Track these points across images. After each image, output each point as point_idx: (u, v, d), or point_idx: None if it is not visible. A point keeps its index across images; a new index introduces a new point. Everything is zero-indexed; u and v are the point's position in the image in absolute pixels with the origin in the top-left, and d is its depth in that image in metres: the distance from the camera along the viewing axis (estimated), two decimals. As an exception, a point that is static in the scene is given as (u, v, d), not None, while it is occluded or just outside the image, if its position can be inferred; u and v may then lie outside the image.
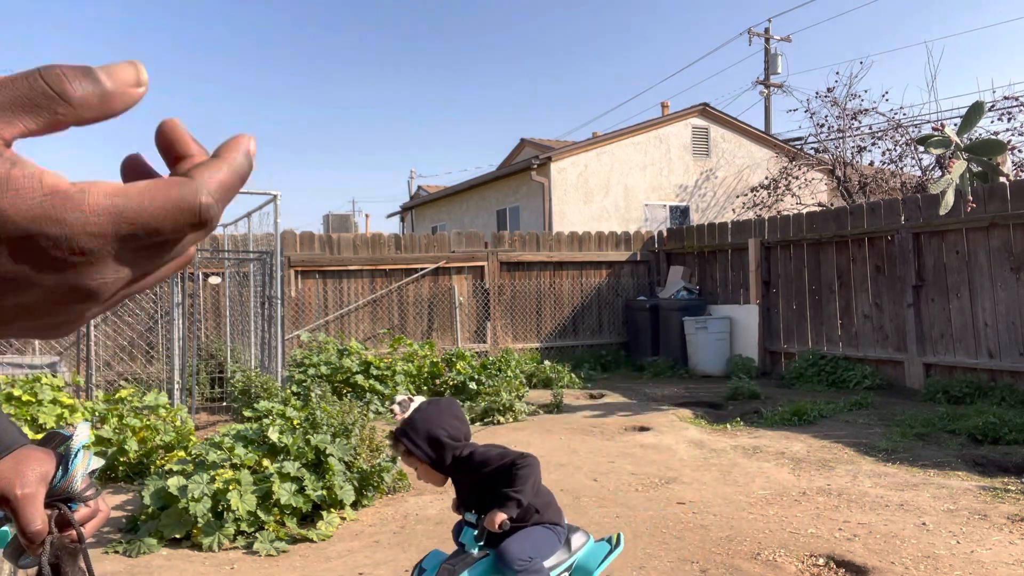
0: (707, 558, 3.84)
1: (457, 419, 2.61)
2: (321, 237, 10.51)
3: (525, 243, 11.71)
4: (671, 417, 7.63)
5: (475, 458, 2.55)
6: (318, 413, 5.33)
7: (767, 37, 22.87)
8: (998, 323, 7.71)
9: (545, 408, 8.23)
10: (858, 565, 3.69)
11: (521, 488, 2.46)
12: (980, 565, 3.63)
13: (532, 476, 2.50)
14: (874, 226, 9.07)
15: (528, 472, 2.50)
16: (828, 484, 5.09)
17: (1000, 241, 7.71)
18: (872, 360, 9.12)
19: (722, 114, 16.97)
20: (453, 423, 2.57)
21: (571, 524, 2.87)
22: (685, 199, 16.41)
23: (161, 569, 3.91)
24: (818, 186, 16.34)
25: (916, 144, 12.88)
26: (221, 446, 4.73)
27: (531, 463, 2.53)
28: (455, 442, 2.54)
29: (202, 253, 9.23)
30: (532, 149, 19.27)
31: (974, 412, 6.76)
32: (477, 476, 2.54)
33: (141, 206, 0.37)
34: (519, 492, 2.45)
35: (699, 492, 5.02)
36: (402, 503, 4.95)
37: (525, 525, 2.59)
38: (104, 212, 0.36)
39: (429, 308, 10.99)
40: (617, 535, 2.89)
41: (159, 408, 5.90)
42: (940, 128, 6.55)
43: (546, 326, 11.78)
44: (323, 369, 8.31)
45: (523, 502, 2.46)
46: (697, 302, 11.36)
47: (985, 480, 5.08)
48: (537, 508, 2.62)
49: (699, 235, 11.91)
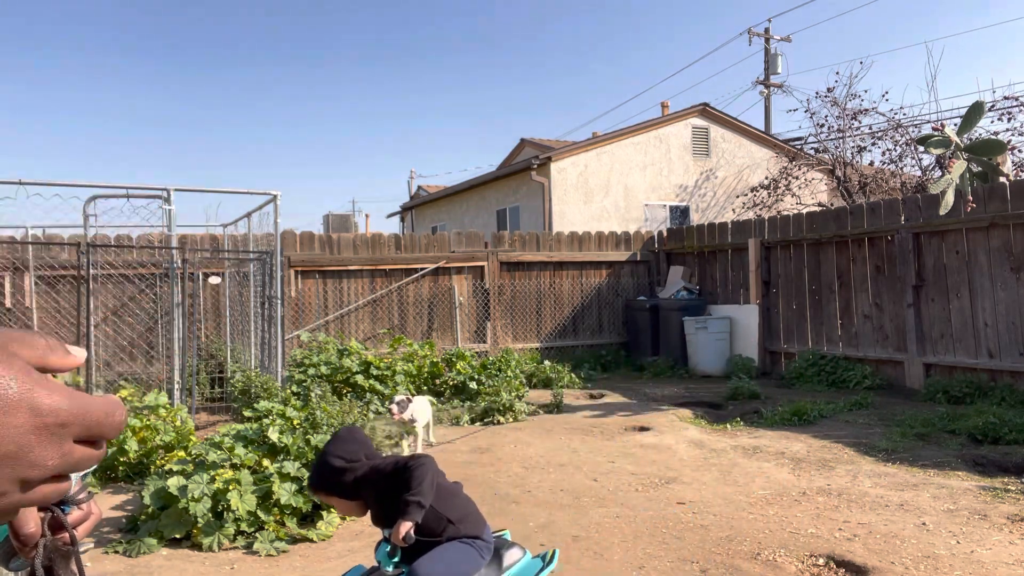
0: (707, 558, 3.84)
1: (355, 442, 2.49)
2: (321, 237, 10.51)
3: (525, 243, 11.71)
4: (671, 417, 7.63)
5: (372, 473, 2.43)
6: (318, 413, 5.33)
7: (767, 37, 22.87)
8: (998, 323, 7.71)
9: (545, 408, 8.23)
10: (858, 565, 3.69)
11: (417, 489, 2.32)
12: (980, 565, 3.63)
13: (427, 476, 2.36)
14: (874, 226, 9.07)
15: (422, 472, 2.37)
16: (828, 484, 5.09)
17: (1000, 241, 7.71)
18: (872, 360, 9.12)
19: (722, 114, 16.97)
20: (348, 447, 2.46)
21: (506, 538, 2.72)
22: (685, 199, 16.41)
23: (161, 569, 3.91)
24: (818, 186, 16.34)
25: (916, 144, 12.88)
26: (221, 446, 4.73)
27: (424, 463, 2.41)
28: (351, 463, 2.42)
29: (202, 253, 9.23)
30: (532, 149, 19.28)
31: (974, 412, 6.76)
32: (378, 490, 2.42)
33: None
34: (416, 494, 2.32)
35: (699, 492, 5.01)
36: (402, 503, 4.95)
37: (440, 540, 2.44)
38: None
39: (429, 308, 10.99)
40: (553, 551, 2.75)
41: (159, 408, 5.90)
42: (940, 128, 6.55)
43: (546, 326, 11.78)
44: (323, 369, 8.31)
45: (423, 503, 2.32)
46: (697, 302, 11.37)
47: (985, 480, 5.08)
48: (451, 519, 2.46)
49: (699, 235, 11.91)
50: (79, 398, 0.51)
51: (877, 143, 14.08)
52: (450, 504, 2.49)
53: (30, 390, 0.48)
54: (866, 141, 14.21)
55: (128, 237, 9.30)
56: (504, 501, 4.94)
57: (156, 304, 9.16)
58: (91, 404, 0.52)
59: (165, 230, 7.36)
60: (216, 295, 9.82)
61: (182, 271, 7.57)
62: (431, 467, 2.41)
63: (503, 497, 5.03)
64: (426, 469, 2.38)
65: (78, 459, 0.51)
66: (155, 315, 9.16)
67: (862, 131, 14.35)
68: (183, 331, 7.48)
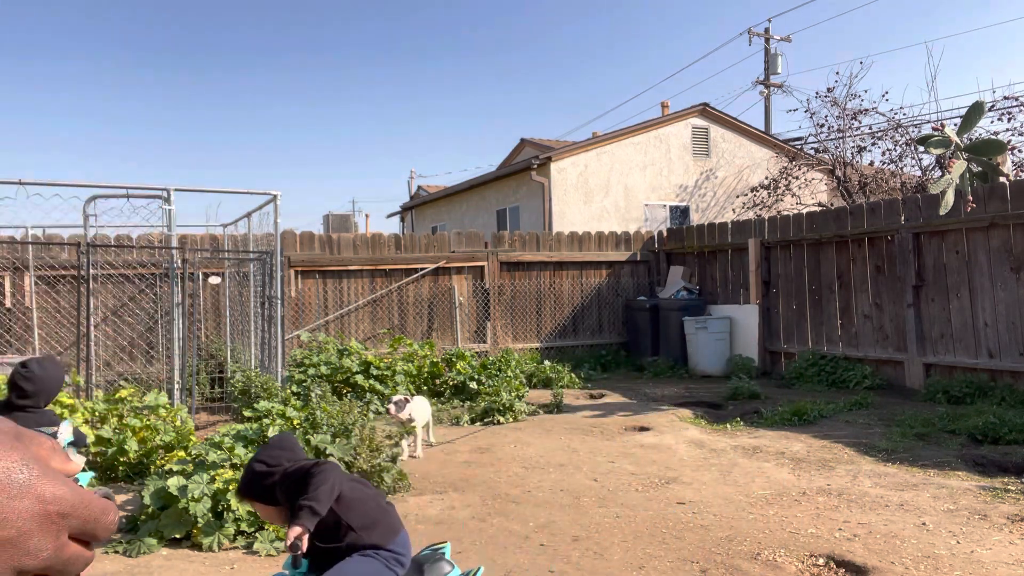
0: (707, 558, 3.84)
1: (280, 448, 2.46)
2: (321, 237, 10.51)
3: (525, 243, 11.71)
4: (671, 417, 7.63)
5: (283, 478, 2.38)
6: (318, 413, 5.33)
7: (767, 37, 22.87)
8: (998, 323, 7.71)
9: (545, 408, 8.23)
10: (858, 565, 3.69)
11: (313, 494, 2.25)
12: (980, 565, 3.63)
13: (325, 482, 2.28)
14: (874, 226, 9.07)
15: (321, 478, 2.29)
16: (828, 484, 5.09)
17: (1000, 241, 7.71)
18: (872, 360, 9.12)
19: (722, 114, 16.97)
20: (272, 453, 2.44)
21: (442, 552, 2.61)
22: (685, 199, 16.41)
23: (161, 569, 3.91)
24: (818, 186, 16.34)
25: (916, 144, 12.88)
26: (221, 446, 4.73)
27: (325, 468, 2.34)
28: (271, 468, 2.39)
29: (202, 253, 9.23)
30: (532, 149, 19.28)
31: (974, 412, 6.76)
32: (288, 495, 2.36)
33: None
34: (308, 499, 2.24)
35: (699, 492, 5.01)
36: (402, 503, 4.95)
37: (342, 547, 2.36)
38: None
39: (429, 308, 10.99)
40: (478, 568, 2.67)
41: (159, 408, 5.89)
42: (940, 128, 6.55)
43: (546, 326, 11.78)
44: (323, 369, 8.31)
45: (316, 509, 2.24)
46: (697, 302, 11.37)
47: (985, 480, 5.08)
48: (353, 526, 2.37)
49: (699, 235, 11.91)
50: (81, 492, 0.53)
51: (877, 143, 14.09)
52: (356, 511, 2.40)
53: (38, 477, 0.50)
54: (866, 141, 14.22)
55: (128, 237, 9.30)
56: (504, 501, 4.94)
57: (156, 304, 9.16)
58: (91, 500, 0.54)
59: (165, 230, 7.36)
60: (216, 295, 9.82)
61: (182, 271, 7.57)
62: (332, 473, 2.33)
63: (503, 497, 5.03)
64: (326, 475, 2.31)
65: (68, 556, 0.52)
66: (155, 315, 9.16)
67: (862, 131, 14.35)
68: (183, 331, 7.48)
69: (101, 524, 0.54)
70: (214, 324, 9.83)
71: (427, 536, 4.30)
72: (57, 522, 0.51)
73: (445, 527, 4.45)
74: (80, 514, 0.52)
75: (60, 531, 0.51)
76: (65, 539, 0.52)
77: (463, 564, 3.85)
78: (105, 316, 9.01)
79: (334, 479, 2.33)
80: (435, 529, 4.42)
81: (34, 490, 0.49)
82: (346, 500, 2.40)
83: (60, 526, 0.51)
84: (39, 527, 0.49)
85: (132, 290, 9.13)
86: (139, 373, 8.79)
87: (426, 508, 4.84)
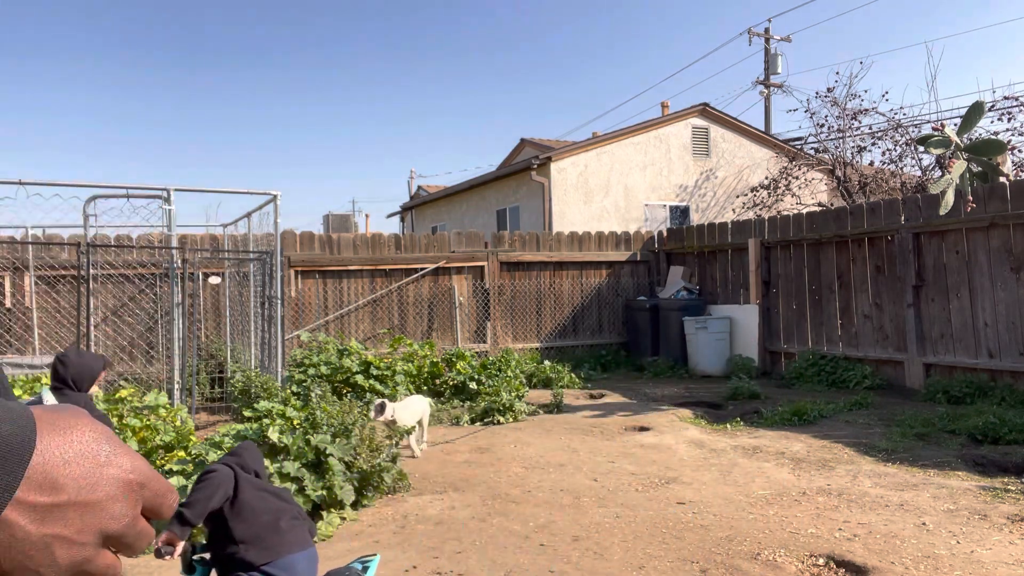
0: (707, 558, 3.84)
1: (233, 455, 2.42)
2: (321, 237, 10.51)
3: (525, 243, 11.71)
4: (671, 417, 7.63)
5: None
6: (318, 413, 5.33)
7: (767, 37, 22.86)
8: (998, 323, 7.71)
9: (545, 408, 8.23)
10: (858, 565, 3.69)
11: (189, 501, 2.18)
12: (980, 565, 3.63)
13: (205, 489, 2.21)
14: (874, 226, 9.07)
15: (203, 485, 2.23)
16: (828, 484, 5.08)
17: (1000, 241, 7.70)
18: (872, 360, 9.12)
19: (722, 114, 16.97)
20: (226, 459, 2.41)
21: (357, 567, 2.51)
22: (685, 199, 16.40)
23: (161, 569, 3.91)
24: (818, 186, 16.34)
25: (916, 144, 12.88)
26: (221, 446, 4.73)
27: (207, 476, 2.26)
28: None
29: (202, 253, 9.23)
30: (532, 149, 19.27)
31: (974, 412, 6.76)
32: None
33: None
34: (185, 505, 2.18)
35: (699, 492, 5.01)
36: (402, 503, 4.95)
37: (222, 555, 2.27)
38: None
39: (429, 308, 10.99)
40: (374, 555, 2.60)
41: (159, 408, 5.89)
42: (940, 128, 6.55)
43: (546, 326, 11.78)
44: (323, 369, 8.31)
45: (185, 516, 2.17)
46: (697, 302, 11.36)
47: (985, 480, 5.07)
48: (236, 539, 2.26)
49: (699, 235, 11.90)
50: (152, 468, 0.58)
51: (877, 143, 14.08)
52: (244, 523, 2.30)
53: (120, 448, 0.55)
54: (866, 141, 14.21)
55: (128, 237, 9.30)
56: (504, 501, 4.94)
57: (156, 304, 9.15)
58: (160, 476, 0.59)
59: (165, 230, 7.36)
60: (216, 295, 9.82)
61: (182, 271, 7.57)
62: (215, 479, 2.26)
63: (503, 497, 5.03)
64: (207, 484, 2.24)
65: (140, 528, 0.56)
66: (155, 315, 9.16)
67: (862, 131, 14.35)
68: (183, 331, 7.48)
69: (167, 501, 0.59)
70: (214, 324, 9.83)
71: (427, 536, 4.30)
72: (136, 491, 0.55)
73: (445, 527, 4.45)
74: (153, 487, 0.57)
75: (138, 501, 0.56)
76: (139, 512, 0.56)
77: (462, 564, 3.85)
78: (105, 316, 9.01)
79: (216, 486, 2.24)
80: (435, 529, 4.42)
81: (118, 459, 0.54)
82: (240, 510, 2.30)
83: (138, 495, 0.56)
84: (122, 494, 0.54)
85: (132, 290, 9.13)
86: (139, 373, 8.79)
87: (426, 508, 4.84)
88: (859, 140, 14.32)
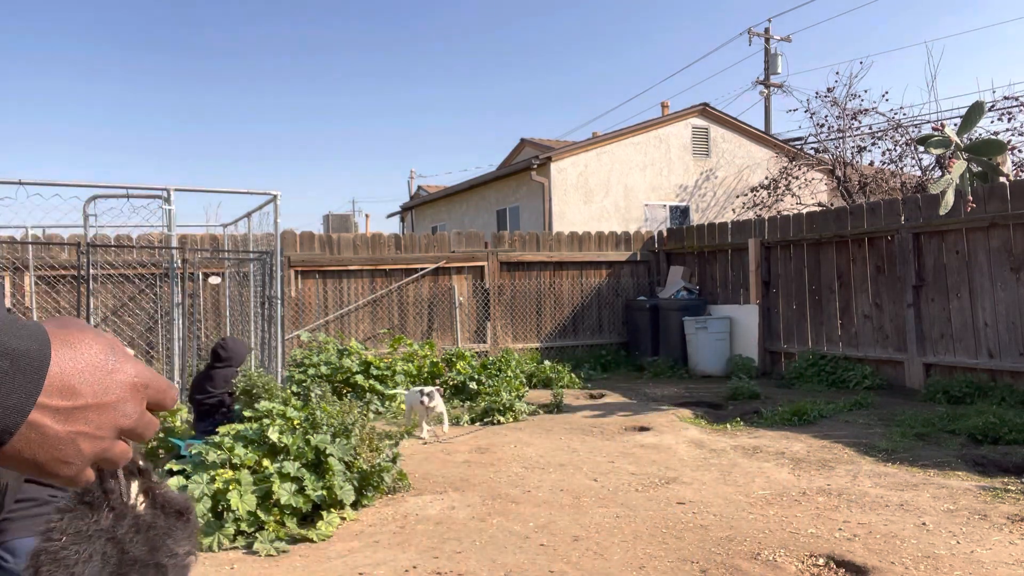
0: (707, 558, 3.84)
1: None
2: (321, 237, 10.51)
3: (525, 243, 11.71)
4: (671, 417, 7.63)
5: None
6: (318, 413, 5.33)
7: (767, 37, 22.87)
8: (998, 323, 7.71)
9: (545, 408, 8.23)
10: (858, 565, 3.69)
11: None
12: (980, 565, 3.63)
13: None
14: (874, 226, 9.07)
15: None
16: (828, 484, 5.08)
17: (1000, 241, 7.70)
18: (872, 360, 9.12)
19: (722, 114, 16.97)
20: None
21: None
22: (685, 199, 16.41)
23: (161, 569, 3.90)
24: (818, 186, 16.34)
25: (916, 144, 12.88)
26: (221, 446, 4.73)
27: None
28: None
29: (202, 253, 9.23)
30: (532, 149, 19.28)
31: (974, 412, 6.76)
32: None
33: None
34: None
35: (699, 492, 5.01)
36: (402, 503, 4.95)
37: None
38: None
39: (429, 308, 10.99)
40: None
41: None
42: (940, 128, 6.55)
43: (546, 326, 11.78)
44: (323, 369, 8.31)
45: None
46: (697, 302, 11.36)
47: (985, 480, 5.07)
48: None
49: (699, 235, 11.90)
50: (151, 370, 0.68)
51: (877, 143, 14.08)
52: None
53: (124, 356, 0.65)
54: (866, 141, 14.21)
55: (128, 237, 9.30)
56: (504, 501, 4.94)
57: (156, 304, 9.15)
58: (160, 376, 0.69)
59: (165, 230, 7.36)
60: (216, 295, 9.82)
61: (182, 271, 7.57)
62: None
63: (503, 497, 5.03)
64: None
65: (147, 421, 0.66)
66: (155, 315, 9.16)
67: (862, 131, 14.35)
68: (183, 331, 7.48)
69: (168, 396, 0.69)
70: (214, 324, 9.83)
71: (427, 536, 4.30)
72: (141, 391, 0.65)
73: (445, 527, 4.45)
74: (155, 386, 0.67)
75: (143, 399, 0.66)
76: (144, 407, 0.66)
77: (462, 564, 3.85)
78: (105, 316, 9.01)
79: None
80: (435, 529, 4.42)
81: (123, 366, 0.64)
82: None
83: (143, 394, 0.66)
84: (130, 395, 0.64)
85: (132, 290, 9.13)
86: (139, 373, 8.77)
87: (426, 508, 4.84)
88: (859, 140, 14.32)
